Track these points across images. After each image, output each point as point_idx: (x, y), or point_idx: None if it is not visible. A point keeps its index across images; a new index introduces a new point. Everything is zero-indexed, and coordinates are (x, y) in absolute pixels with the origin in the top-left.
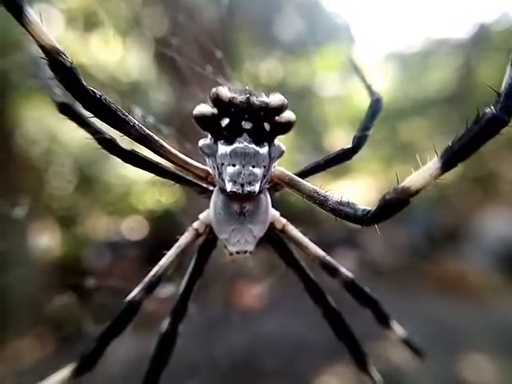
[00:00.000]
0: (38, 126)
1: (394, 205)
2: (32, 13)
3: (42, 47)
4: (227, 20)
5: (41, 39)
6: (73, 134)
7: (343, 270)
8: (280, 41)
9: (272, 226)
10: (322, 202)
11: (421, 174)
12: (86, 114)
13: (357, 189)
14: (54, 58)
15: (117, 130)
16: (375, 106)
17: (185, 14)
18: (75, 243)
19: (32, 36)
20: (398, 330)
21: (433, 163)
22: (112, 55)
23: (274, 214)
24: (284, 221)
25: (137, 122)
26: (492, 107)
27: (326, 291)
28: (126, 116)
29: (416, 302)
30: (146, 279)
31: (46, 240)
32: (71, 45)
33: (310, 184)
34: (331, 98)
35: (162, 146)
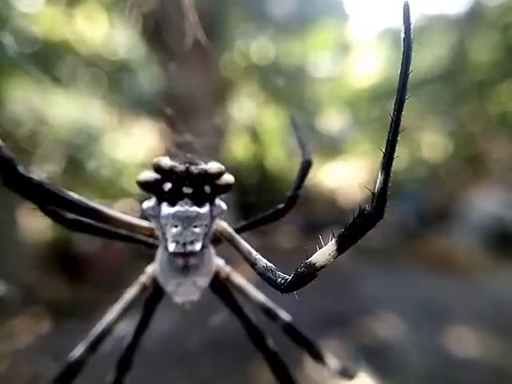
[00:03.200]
0: (24, 107)
1: (304, 277)
2: None
3: None
4: None
5: None
6: (61, 115)
7: (282, 314)
8: (272, 18)
9: (217, 275)
10: (252, 263)
11: (322, 253)
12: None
13: (348, 170)
14: None
15: (61, 208)
16: (305, 167)
17: None
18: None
19: None
20: (333, 363)
21: (330, 245)
22: (97, 31)
23: (218, 263)
24: (228, 269)
25: (78, 198)
26: (368, 206)
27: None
28: (68, 195)
29: (405, 279)
30: (90, 337)
31: (35, 223)
32: (53, 20)
33: (247, 245)
34: (324, 77)
35: (107, 214)
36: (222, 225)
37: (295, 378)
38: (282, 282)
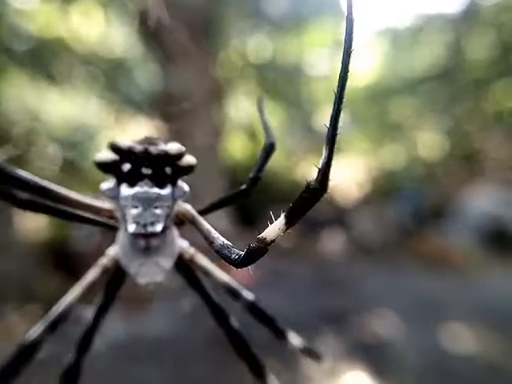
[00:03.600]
0: (18, 104)
1: (255, 252)
2: None
3: None
4: None
5: None
6: (56, 113)
7: (245, 293)
8: (268, 16)
9: (181, 256)
10: (211, 242)
11: (272, 228)
12: None
13: (347, 167)
14: None
15: (14, 187)
16: (269, 149)
17: None
18: (62, 224)
19: None
20: (296, 341)
21: (280, 220)
22: (93, 29)
23: (182, 245)
24: (192, 251)
25: (31, 177)
26: (313, 180)
27: None
28: (21, 174)
29: (402, 278)
30: (48, 317)
31: (32, 221)
32: (49, 17)
33: (208, 225)
34: (321, 76)
35: (64, 194)
36: (185, 206)
37: (260, 358)
38: (236, 257)
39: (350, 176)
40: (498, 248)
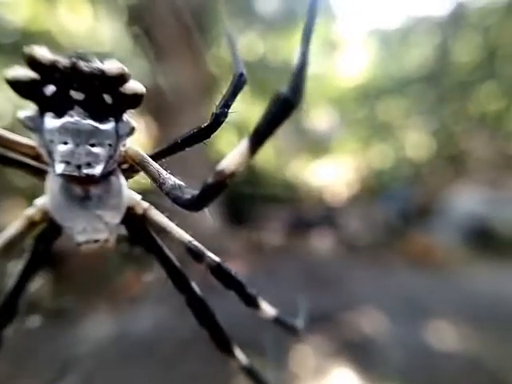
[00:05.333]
0: (2, 98)
1: (213, 187)
2: None
3: None
4: None
5: None
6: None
7: (209, 254)
8: (260, 15)
9: (131, 211)
10: (160, 184)
11: (232, 156)
12: None
13: (335, 167)
14: None
15: None
16: (237, 80)
17: None
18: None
19: None
20: (268, 309)
21: (242, 144)
22: (81, 23)
23: (133, 197)
24: (146, 205)
25: None
26: (285, 89)
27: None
28: None
29: (388, 276)
30: None
31: (14, 219)
32: (34, 9)
33: (157, 166)
34: (311, 75)
35: None
36: (134, 148)
37: (221, 325)
38: (189, 197)
39: (338, 175)
40: (482, 247)
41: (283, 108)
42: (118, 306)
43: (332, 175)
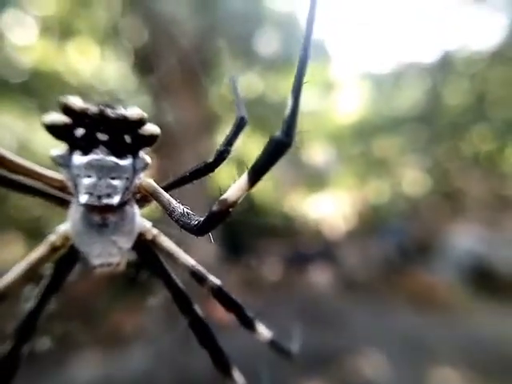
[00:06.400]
0: (6, 132)
1: (217, 215)
2: None
3: None
4: (207, 33)
5: None
6: (47, 144)
7: (211, 277)
8: (259, 56)
9: (142, 236)
10: (170, 212)
11: (234, 188)
12: None
13: (333, 201)
14: None
15: None
16: (239, 123)
17: (164, 26)
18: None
19: None
20: (265, 332)
21: (242, 179)
22: (88, 64)
23: (144, 224)
24: (155, 231)
25: None
26: (279, 132)
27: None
28: None
29: (387, 315)
30: None
31: (11, 253)
32: (45, 52)
33: (168, 196)
34: (308, 113)
35: (5, 156)
36: (147, 180)
37: (221, 346)
38: (196, 223)
39: (336, 209)
40: (482, 286)
41: (277, 149)
42: (107, 347)
43: (329, 209)
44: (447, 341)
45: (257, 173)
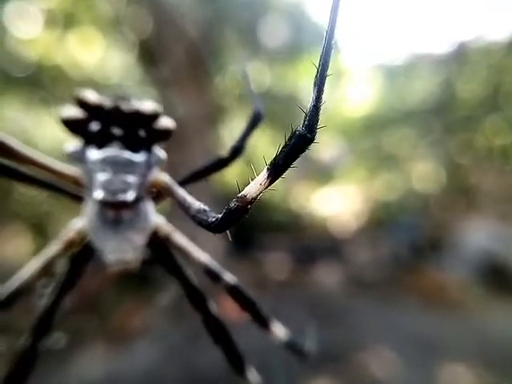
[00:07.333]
0: (11, 127)
1: (235, 212)
2: None
3: None
4: (213, 23)
5: None
6: (50, 137)
7: (227, 275)
8: (266, 47)
9: (155, 233)
10: (186, 208)
11: (254, 184)
12: None
13: (342, 197)
14: None
15: None
16: (255, 118)
17: (169, 16)
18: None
19: None
20: (280, 333)
21: (262, 174)
22: (92, 56)
23: (158, 221)
24: (169, 228)
25: None
26: (300, 126)
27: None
28: None
29: (399, 314)
30: (2, 294)
31: (16, 248)
32: (48, 45)
33: (183, 192)
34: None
35: (15, 149)
36: (162, 176)
37: (236, 343)
38: (213, 220)
39: (345, 205)
40: (495, 284)
41: (299, 143)
42: (112, 344)
43: (339, 205)
44: (459, 339)
45: (277, 168)
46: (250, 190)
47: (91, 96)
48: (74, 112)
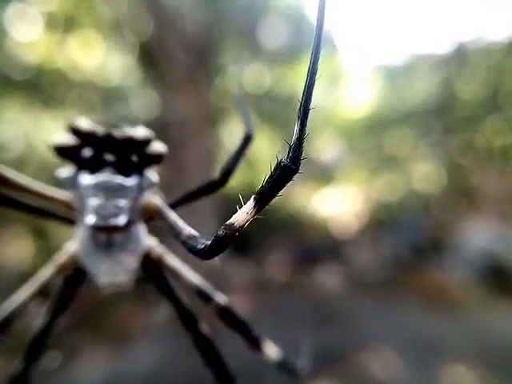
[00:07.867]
0: (13, 130)
1: (223, 239)
2: None
3: None
4: (213, 25)
5: None
6: (50, 141)
7: (218, 297)
8: (266, 49)
9: (148, 255)
10: (177, 234)
11: (241, 212)
12: None
13: (342, 197)
14: None
15: None
16: (245, 139)
17: (169, 19)
18: (50, 255)
19: None
20: (272, 353)
21: (249, 204)
22: (92, 59)
23: (150, 243)
24: (161, 250)
25: None
26: (284, 157)
27: None
28: None
29: (400, 315)
30: None
31: (17, 251)
32: (48, 48)
33: (175, 216)
34: (316, 107)
35: (8, 177)
36: (153, 199)
37: (228, 365)
38: (202, 247)
39: (346, 206)
40: (496, 285)
41: (284, 174)
42: (113, 346)
43: (339, 206)
44: (460, 340)
45: (264, 198)
46: (238, 219)
47: (84, 123)
48: (66, 139)
